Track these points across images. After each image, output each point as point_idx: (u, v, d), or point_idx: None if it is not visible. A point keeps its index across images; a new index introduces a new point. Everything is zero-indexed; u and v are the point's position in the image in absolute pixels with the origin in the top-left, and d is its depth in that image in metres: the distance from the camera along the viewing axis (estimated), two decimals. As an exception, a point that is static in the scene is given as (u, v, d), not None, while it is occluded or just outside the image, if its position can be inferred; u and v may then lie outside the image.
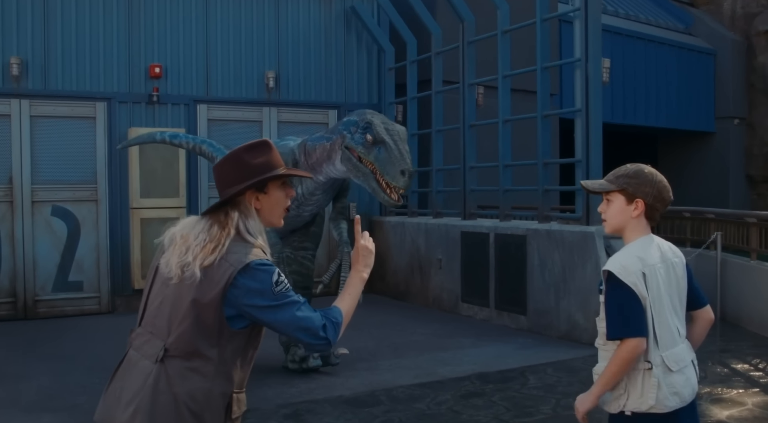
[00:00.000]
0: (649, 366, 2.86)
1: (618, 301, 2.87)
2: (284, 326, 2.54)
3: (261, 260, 2.55)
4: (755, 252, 9.85)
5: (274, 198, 2.68)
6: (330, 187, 7.23)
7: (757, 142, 22.65)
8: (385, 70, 13.09)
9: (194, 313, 2.48)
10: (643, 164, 3.05)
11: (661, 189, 2.98)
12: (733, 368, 7.58)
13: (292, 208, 7.14)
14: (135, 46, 11.40)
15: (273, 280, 2.52)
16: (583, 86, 8.99)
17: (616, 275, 2.86)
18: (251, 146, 2.67)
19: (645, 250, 2.95)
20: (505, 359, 7.95)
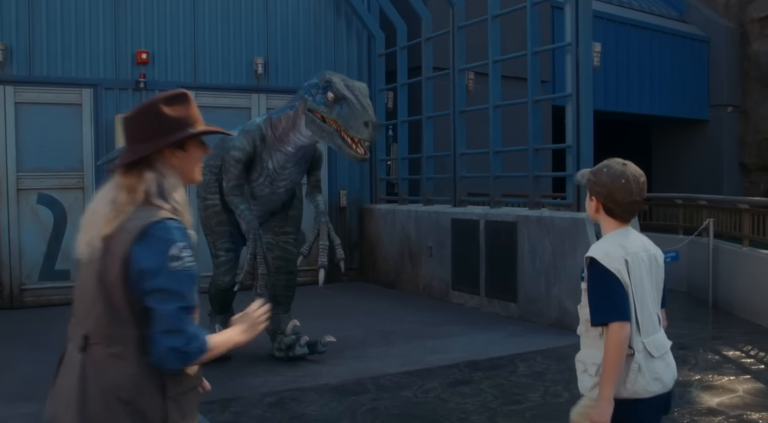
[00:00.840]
0: (632, 352, 2.86)
1: (602, 287, 2.86)
2: (159, 316, 2.25)
3: (163, 222, 2.28)
4: (747, 239, 9.77)
5: (193, 156, 2.46)
6: (301, 159, 7.11)
7: (750, 130, 22.59)
8: (375, 56, 12.96)
9: (103, 293, 2.28)
10: (619, 161, 3.00)
11: (613, 190, 2.94)
12: (725, 355, 7.51)
13: (265, 185, 7.05)
14: (121, 31, 11.25)
15: (171, 254, 2.25)
16: (573, 71, 8.89)
17: (600, 261, 2.86)
18: (170, 97, 2.43)
19: (626, 239, 2.96)
20: (494, 347, 7.87)
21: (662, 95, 21.21)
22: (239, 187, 7.02)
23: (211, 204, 7.46)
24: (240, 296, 8.17)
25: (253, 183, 7.13)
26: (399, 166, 12.47)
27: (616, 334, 2.79)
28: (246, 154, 6.97)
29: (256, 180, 7.11)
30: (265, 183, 7.11)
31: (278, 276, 7.43)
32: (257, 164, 7.02)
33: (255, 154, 6.99)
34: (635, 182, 2.94)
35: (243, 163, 6.97)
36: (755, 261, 9.34)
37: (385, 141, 13.16)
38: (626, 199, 2.93)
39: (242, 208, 6.96)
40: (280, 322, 7.45)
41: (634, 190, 2.93)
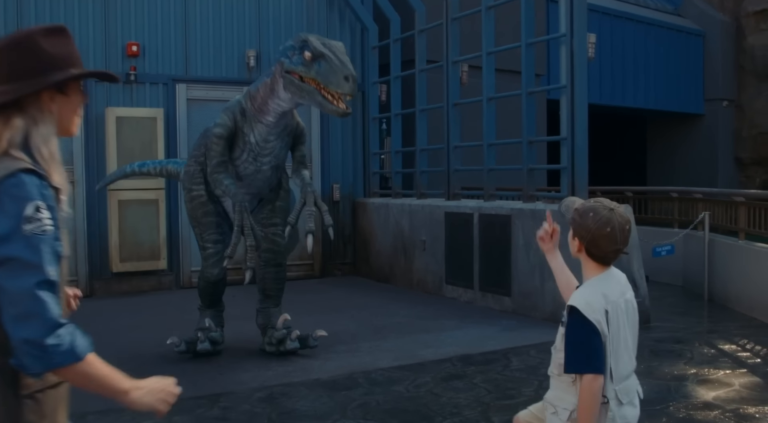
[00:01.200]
0: (605, 400, 2.88)
1: (580, 338, 2.86)
2: (9, 297, 1.83)
3: (18, 175, 1.87)
4: (743, 232, 9.69)
5: (74, 102, 2.13)
6: (283, 132, 7.02)
7: (746, 124, 22.52)
8: (369, 48, 12.85)
9: None
10: (606, 205, 2.92)
11: (597, 238, 2.87)
12: (721, 349, 7.43)
13: (249, 162, 6.94)
14: (111, 23, 11.12)
15: (24, 214, 1.83)
16: (568, 62, 8.78)
17: (581, 311, 2.84)
18: (49, 31, 2.06)
19: (608, 286, 2.93)
20: (488, 341, 7.78)
21: (657, 89, 21.13)
22: (223, 163, 6.91)
23: (196, 195, 7.36)
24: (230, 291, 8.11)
25: (237, 161, 7.01)
26: (392, 160, 12.37)
27: (589, 385, 2.81)
28: (227, 129, 6.90)
29: (239, 157, 7.00)
30: (249, 159, 6.99)
31: (267, 269, 7.34)
32: (239, 140, 6.93)
33: (236, 129, 6.91)
34: (620, 231, 2.87)
35: (225, 138, 6.89)
36: (751, 254, 9.27)
37: (379, 134, 13.05)
38: (610, 248, 2.90)
39: (227, 184, 6.84)
40: (271, 317, 7.36)
41: (618, 240, 2.88)
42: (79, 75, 2.09)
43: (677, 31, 21.80)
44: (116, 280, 11.04)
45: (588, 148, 8.94)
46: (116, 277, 11.03)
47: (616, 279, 3.01)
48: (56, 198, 1.96)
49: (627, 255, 3.63)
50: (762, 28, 22.08)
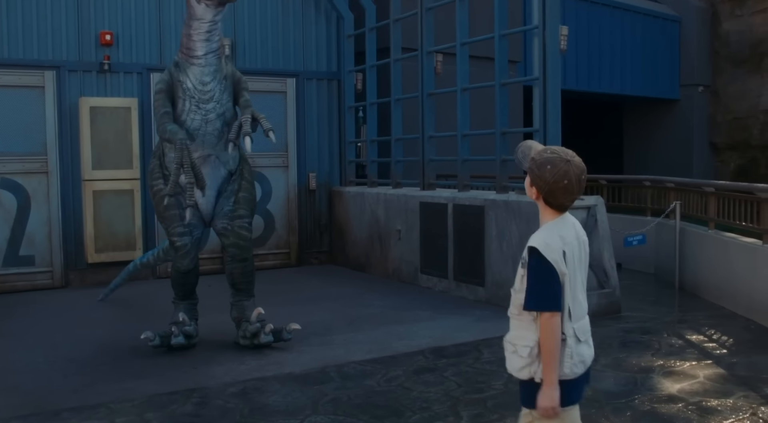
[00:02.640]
0: (564, 337, 3.05)
1: (540, 276, 3.01)
2: None
3: None
4: (713, 222, 9.83)
5: None
6: (217, 73, 7.03)
7: (720, 109, 22.72)
8: (344, 37, 12.84)
9: None
10: (563, 156, 3.02)
11: (555, 190, 3.02)
12: (688, 340, 7.56)
13: (193, 111, 6.97)
14: (84, 12, 11.03)
15: None
16: (540, 54, 8.84)
17: (541, 252, 3.00)
18: None
19: (565, 229, 3.10)
20: (460, 333, 7.87)
21: (633, 75, 21.26)
22: (166, 114, 6.96)
23: (156, 190, 7.35)
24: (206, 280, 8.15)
25: (183, 116, 7.04)
26: (368, 149, 12.41)
27: (547, 322, 2.98)
28: (165, 82, 7.05)
29: (183, 109, 7.03)
30: (193, 108, 7.02)
31: (233, 264, 7.35)
32: (178, 90, 7.01)
33: (173, 82, 7.02)
34: (577, 182, 3.02)
35: (164, 91, 7.01)
36: (719, 244, 9.41)
37: (355, 122, 13.07)
38: (567, 199, 3.06)
39: (169, 129, 6.85)
40: (244, 310, 7.40)
41: (575, 190, 3.03)
42: None
43: (653, 16, 21.91)
44: (92, 271, 11.02)
45: (562, 137, 9.01)
46: (92, 268, 11.01)
47: (571, 222, 3.17)
48: None
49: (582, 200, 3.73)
50: (737, 14, 22.25)
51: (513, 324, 3.18)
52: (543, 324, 2.99)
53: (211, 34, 6.89)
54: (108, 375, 6.54)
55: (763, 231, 8.45)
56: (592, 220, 8.65)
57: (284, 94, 12.47)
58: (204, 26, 6.82)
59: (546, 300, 2.99)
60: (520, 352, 3.10)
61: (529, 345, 3.06)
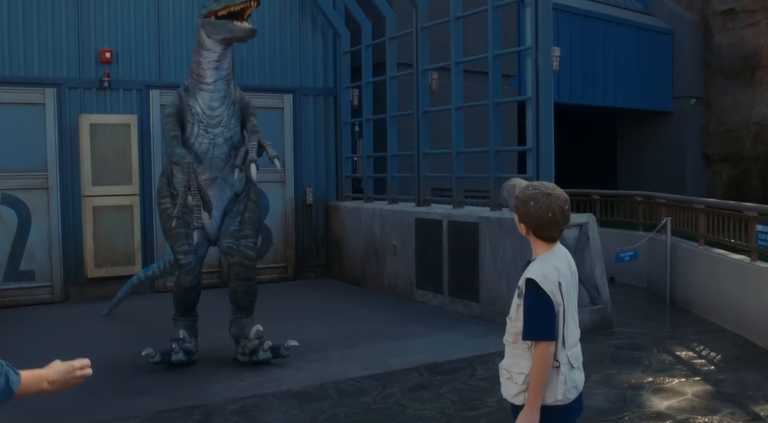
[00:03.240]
0: (557, 364, 3.17)
1: (537, 307, 3.15)
2: None
3: None
4: (703, 238, 10.01)
5: None
6: (226, 98, 7.23)
7: (713, 121, 22.95)
8: (341, 53, 13.02)
9: None
10: (544, 191, 3.18)
11: (540, 224, 3.19)
12: (677, 356, 7.72)
13: (201, 135, 7.14)
14: (85, 30, 11.21)
15: None
16: (533, 74, 9.02)
17: (539, 284, 3.13)
18: None
19: (558, 260, 3.24)
20: (455, 349, 8.02)
21: (627, 87, 21.49)
22: (175, 138, 7.13)
23: (164, 208, 7.54)
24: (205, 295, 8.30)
25: (191, 139, 7.21)
26: (364, 164, 12.58)
27: (543, 351, 3.12)
28: (174, 107, 7.24)
29: (192, 133, 7.20)
30: (201, 132, 7.20)
31: (238, 282, 7.51)
32: (187, 114, 7.19)
33: (183, 106, 7.21)
34: (561, 213, 3.17)
35: (174, 115, 7.18)
36: (708, 260, 9.59)
37: (351, 136, 13.25)
38: (553, 230, 3.22)
39: (177, 152, 7.01)
40: (243, 327, 7.55)
41: (560, 221, 3.19)
42: None
43: (646, 30, 22.16)
44: (91, 286, 11.16)
45: (556, 150, 9.19)
46: (91, 283, 11.15)
47: (563, 252, 3.31)
48: None
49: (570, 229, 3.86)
50: (729, 28, 22.50)
51: (508, 351, 3.31)
52: (538, 353, 3.11)
53: (220, 62, 7.10)
54: (111, 392, 6.68)
55: (752, 248, 8.63)
56: (584, 237, 8.82)
57: (281, 109, 12.64)
58: (213, 56, 7.04)
59: (542, 330, 3.12)
60: (515, 379, 3.23)
61: (524, 372, 3.18)
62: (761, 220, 8.57)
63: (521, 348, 3.20)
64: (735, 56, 22.23)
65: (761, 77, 21.94)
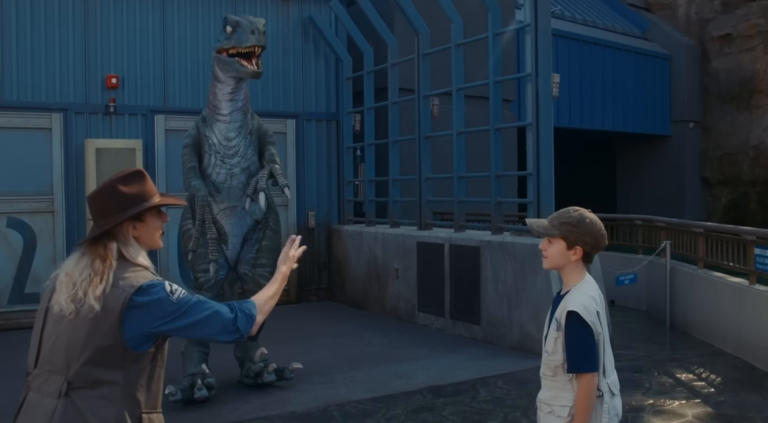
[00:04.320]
0: (600, 393, 3.19)
1: (581, 339, 3.16)
2: (195, 330, 2.67)
3: (151, 281, 2.66)
4: (702, 261, 10.11)
5: (150, 226, 2.79)
6: (243, 128, 7.32)
7: (711, 145, 23.15)
8: (343, 79, 13.19)
9: (95, 343, 2.57)
10: (584, 211, 3.29)
11: (599, 238, 3.26)
12: (678, 378, 7.80)
13: (219, 166, 7.22)
14: (91, 56, 11.37)
15: (168, 291, 2.64)
16: (533, 101, 9.17)
17: (582, 315, 3.14)
18: (125, 176, 2.76)
19: (593, 289, 3.26)
20: (457, 371, 8.10)
21: (626, 112, 21.70)
22: (192, 168, 7.25)
23: (185, 229, 7.61)
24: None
25: (209, 170, 7.31)
26: (366, 188, 12.70)
27: (588, 383, 3.14)
28: (192, 137, 7.35)
29: (209, 163, 7.30)
30: (218, 163, 7.30)
31: None
32: (204, 145, 7.30)
33: (200, 136, 7.32)
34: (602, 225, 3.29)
35: (191, 146, 7.30)
36: (708, 283, 9.69)
37: (353, 161, 13.39)
38: (605, 244, 3.31)
39: (194, 184, 7.14)
40: (248, 349, 7.62)
41: (606, 235, 3.30)
42: (148, 207, 2.74)
43: (644, 55, 22.41)
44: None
45: (556, 175, 9.30)
46: (95, 305, 11.20)
47: (593, 281, 3.33)
48: None
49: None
50: (726, 52, 22.77)
51: (547, 384, 3.30)
52: (583, 385, 3.12)
53: (234, 95, 7.21)
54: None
55: (750, 272, 8.73)
56: (584, 260, 8.90)
57: (284, 134, 12.79)
58: (227, 89, 7.16)
59: (588, 363, 3.12)
60: (557, 413, 3.22)
61: (568, 405, 3.18)
62: (759, 244, 8.69)
63: (562, 381, 3.20)
64: (732, 81, 22.48)
65: (758, 101, 22.17)
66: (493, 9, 9.87)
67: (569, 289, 3.26)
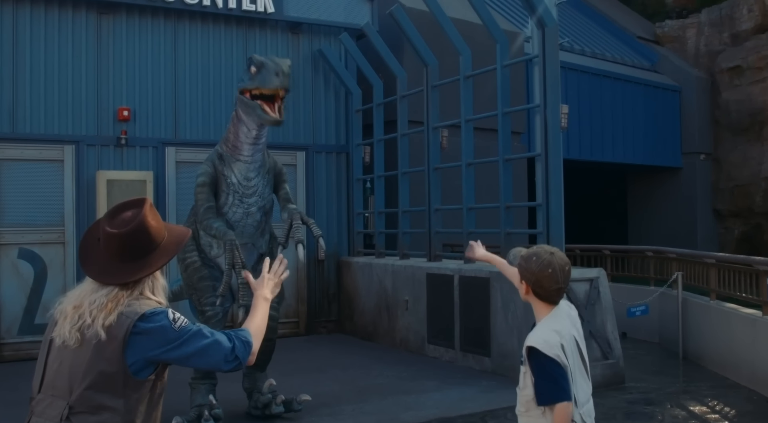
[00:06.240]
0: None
1: (546, 371, 3.15)
2: (194, 359, 2.67)
3: (154, 309, 2.67)
4: (714, 292, 10.03)
5: None
6: (261, 168, 7.25)
7: (723, 176, 23.08)
8: (353, 111, 13.26)
9: (97, 368, 2.58)
10: (547, 250, 3.30)
11: (541, 279, 3.26)
12: (691, 411, 7.70)
13: (236, 205, 7.10)
14: (103, 89, 11.49)
15: (170, 319, 2.65)
16: (542, 132, 9.19)
17: (540, 350, 3.15)
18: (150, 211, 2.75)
19: (560, 323, 3.26)
20: (467, 403, 8.02)
21: (636, 144, 21.70)
22: (210, 209, 7.10)
23: (190, 262, 7.50)
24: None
25: (225, 208, 7.18)
26: (376, 220, 12.71)
27: (563, 412, 3.11)
28: (209, 176, 7.16)
29: (226, 202, 7.18)
30: (236, 202, 7.19)
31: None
32: (222, 184, 7.16)
33: (217, 175, 7.16)
34: (561, 271, 3.26)
35: (208, 185, 7.13)
36: (721, 315, 9.60)
37: (363, 193, 13.41)
38: (552, 287, 3.27)
39: (216, 226, 7.02)
40: (256, 381, 7.57)
41: (559, 279, 3.26)
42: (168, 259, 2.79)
43: (654, 87, 22.46)
44: (105, 340, 11.19)
45: (566, 206, 9.29)
46: (105, 337, 11.18)
47: (565, 312, 3.33)
48: None
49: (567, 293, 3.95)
50: (736, 84, 22.79)
51: (522, 421, 3.30)
52: (558, 415, 3.10)
53: (258, 139, 7.12)
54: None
55: (763, 302, 8.65)
56: (594, 291, 8.87)
57: (294, 166, 12.83)
58: (252, 133, 7.05)
59: (557, 392, 3.12)
60: None
61: None
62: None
63: (535, 415, 3.20)
64: (743, 112, 22.47)
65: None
66: (501, 41, 9.93)
67: (537, 321, 3.31)
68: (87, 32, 11.42)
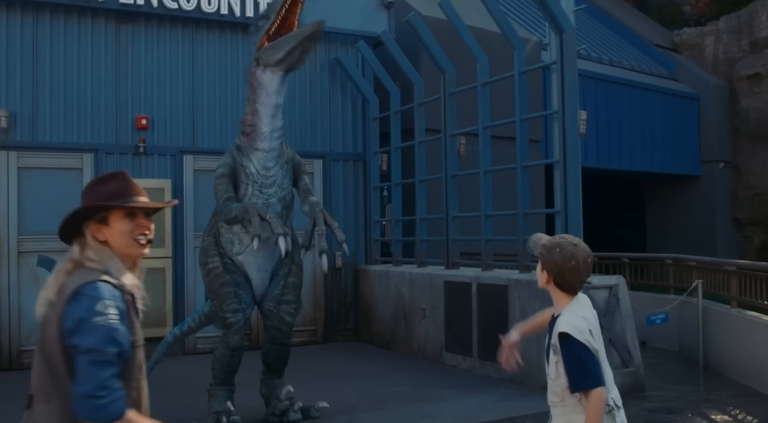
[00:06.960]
0: (609, 408, 3.19)
1: (578, 357, 3.16)
2: (78, 371, 2.35)
3: (95, 283, 2.43)
4: (735, 300, 9.93)
5: (117, 229, 2.61)
6: (280, 158, 7.19)
7: (742, 185, 22.90)
8: (370, 119, 13.27)
9: (44, 351, 2.43)
10: (570, 241, 3.29)
11: (564, 270, 3.25)
12: (713, 420, 7.63)
13: (256, 196, 7.01)
14: (122, 97, 11.56)
15: (95, 309, 2.36)
16: (560, 138, 9.15)
17: (573, 335, 3.17)
18: (103, 177, 2.69)
19: (584, 309, 3.30)
20: (485, 411, 7.97)
21: (654, 152, 21.58)
22: (229, 199, 7.01)
23: (212, 267, 7.38)
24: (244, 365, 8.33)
25: (244, 200, 7.08)
26: (393, 228, 12.69)
27: (598, 397, 3.12)
28: (227, 167, 7.12)
29: (245, 193, 7.10)
30: (255, 193, 7.11)
31: (272, 346, 7.52)
32: (241, 174, 7.10)
33: (236, 166, 7.11)
34: (584, 264, 3.25)
35: (227, 176, 7.08)
36: (742, 323, 9.50)
37: (380, 201, 13.40)
38: (575, 279, 3.28)
39: (234, 207, 6.91)
40: (274, 388, 7.56)
41: (582, 272, 3.26)
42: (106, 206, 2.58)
43: (672, 95, 22.35)
44: (122, 347, 11.22)
45: (585, 215, 9.24)
46: (123, 345, 11.21)
47: (585, 302, 3.37)
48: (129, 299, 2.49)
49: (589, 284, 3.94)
50: (755, 92, 22.63)
51: (557, 411, 3.29)
52: (593, 401, 3.11)
53: (277, 108, 7.11)
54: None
55: (785, 310, 8.55)
56: (614, 299, 8.79)
57: (311, 174, 12.83)
58: (271, 98, 7.03)
59: (592, 377, 3.14)
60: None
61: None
62: (794, 282, 8.52)
63: (571, 404, 3.20)
64: (762, 120, 22.30)
65: (789, 141, 21.94)
66: (518, 47, 9.91)
67: (560, 311, 3.30)
68: (106, 41, 11.50)
